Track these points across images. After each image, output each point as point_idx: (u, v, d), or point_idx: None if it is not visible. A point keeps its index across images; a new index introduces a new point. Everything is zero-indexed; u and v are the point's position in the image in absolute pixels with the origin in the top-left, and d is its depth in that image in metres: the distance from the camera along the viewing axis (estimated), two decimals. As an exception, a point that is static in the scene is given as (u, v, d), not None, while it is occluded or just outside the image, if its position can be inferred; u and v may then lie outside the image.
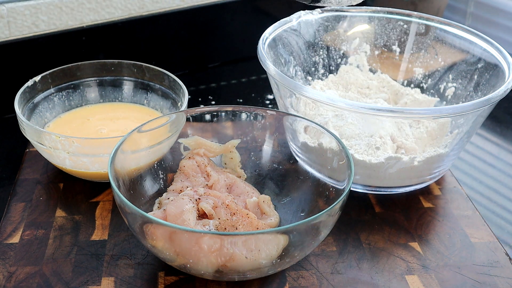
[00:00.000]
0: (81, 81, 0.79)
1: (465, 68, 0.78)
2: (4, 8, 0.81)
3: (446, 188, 0.72)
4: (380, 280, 0.59)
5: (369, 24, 0.83)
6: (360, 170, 0.67)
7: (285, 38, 0.78)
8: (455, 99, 0.79)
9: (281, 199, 0.66)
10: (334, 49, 0.83)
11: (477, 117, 0.66)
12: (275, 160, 0.69)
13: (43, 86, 0.76)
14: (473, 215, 0.68)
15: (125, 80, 0.80)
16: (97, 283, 0.58)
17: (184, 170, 0.65)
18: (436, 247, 0.63)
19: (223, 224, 0.59)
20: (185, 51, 0.97)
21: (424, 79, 0.83)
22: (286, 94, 0.70)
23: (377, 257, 0.62)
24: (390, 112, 0.64)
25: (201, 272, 0.55)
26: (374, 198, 0.70)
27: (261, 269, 0.55)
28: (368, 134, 0.69)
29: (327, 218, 0.55)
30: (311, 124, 0.66)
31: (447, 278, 0.60)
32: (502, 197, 0.75)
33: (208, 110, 0.68)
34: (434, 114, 0.64)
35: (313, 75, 0.82)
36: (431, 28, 0.82)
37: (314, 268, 0.60)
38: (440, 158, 0.68)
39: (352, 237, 0.64)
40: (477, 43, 0.77)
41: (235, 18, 0.99)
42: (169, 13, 0.93)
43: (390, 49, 0.84)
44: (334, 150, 0.63)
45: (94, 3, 0.86)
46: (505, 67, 0.71)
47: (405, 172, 0.67)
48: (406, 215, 0.68)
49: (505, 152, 0.84)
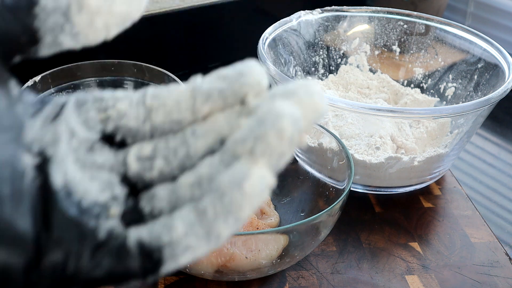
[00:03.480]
0: (81, 81, 0.79)
1: (465, 68, 0.78)
2: (4, 8, 0.80)
3: (446, 188, 0.72)
4: (380, 280, 0.59)
5: (369, 24, 0.83)
6: (360, 170, 0.67)
7: (285, 38, 0.78)
8: (455, 99, 0.78)
9: (281, 199, 0.66)
10: (334, 49, 0.83)
11: (477, 117, 0.66)
12: (275, 160, 0.69)
13: (43, 86, 0.76)
14: (473, 215, 0.68)
15: (125, 80, 0.80)
16: (97, 283, 0.58)
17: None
18: (436, 247, 0.63)
19: (223, 224, 0.59)
20: (185, 51, 0.97)
21: (424, 79, 0.82)
22: (286, 94, 0.70)
23: (377, 257, 0.62)
24: (390, 112, 0.64)
25: (201, 272, 0.55)
26: (374, 198, 0.70)
27: (261, 269, 0.55)
28: (368, 134, 0.69)
29: (327, 218, 0.55)
30: (311, 124, 0.66)
31: (447, 278, 0.60)
32: (502, 197, 0.75)
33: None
34: (434, 114, 0.64)
35: (313, 75, 0.82)
36: (431, 28, 0.82)
37: (314, 268, 0.60)
38: (440, 158, 0.68)
39: (352, 237, 0.64)
40: (477, 43, 0.77)
41: (235, 18, 0.99)
42: (169, 13, 0.93)
43: (390, 49, 0.84)
44: (334, 150, 0.63)
45: (94, 3, 0.86)
46: (505, 67, 0.71)
47: (405, 172, 0.67)
48: (406, 215, 0.68)
49: (505, 152, 0.84)
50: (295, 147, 0.26)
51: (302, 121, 0.26)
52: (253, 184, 0.25)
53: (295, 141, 0.26)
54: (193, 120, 0.28)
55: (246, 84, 0.28)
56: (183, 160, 0.28)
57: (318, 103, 0.27)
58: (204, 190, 0.26)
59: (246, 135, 0.26)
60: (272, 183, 0.26)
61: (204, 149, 0.28)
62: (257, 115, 0.26)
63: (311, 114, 0.26)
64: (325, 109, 0.27)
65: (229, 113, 0.28)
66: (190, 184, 0.27)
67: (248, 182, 0.25)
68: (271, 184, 0.26)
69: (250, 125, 0.26)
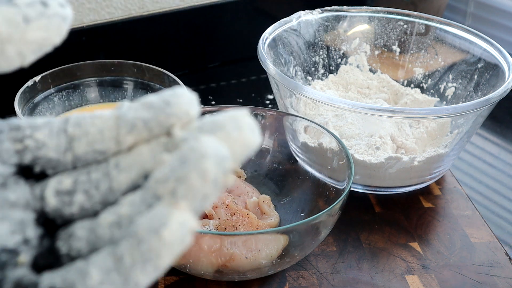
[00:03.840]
0: (81, 81, 0.79)
1: (465, 68, 0.78)
2: (4, 8, 0.80)
3: (446, 188, 0.72)
4: (380, 280, 0.59)
5: (369, 24, 0.83)
6: (360, 170, 0.67)
7: (285, 38, 0.78)
8: (455, 99, 0.79)
9: (281, 199, 0.66)
10: (334, 49, 0.83)
11: (477, 117, 0.66)
12: (275, 160, 0.69)
13: (43, 86, 0.76)
14: (473, 215, 0.68)
15: (125, 80, 0.80)
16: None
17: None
18: (436, 247, 0.63)
19: (223, 224, 0.59)
20: (185, 51, 0.97)
21: (424, 79, 0.82)
22: (286, 94, 0.70)
23: (377, 257, 0.62)
24: (390, 112, 0.64)
25: (201, 272, 0.55)
26: (374, 198, 0.70)
27: (261, 269, 0.55)
28: (368, 134, 0.69)
29: (327, 218, 0.55)
30: (311, 124, 0.66)
31: (447, 278, 0.60)
32: (502, 197, 0.75)
33: (208, 110, 0.68)
34: (434, 114, 0.64)
35: (313, 75, 0.82)
36: (431, 28, 0.82)
37: (314, 268, 0.60)
38: (440, 158, 0.68)
39: (352, 237, 0.64)
40: (477, 43, 0.77)
41: (235, 18, 0.99)
42: (169, 13, 0.93)
43: (390, 49, 0.84)
44: (334, 150, 0.63)
45: (94, 3, 0.86)
46: (505, 67, 0.71)
47: (405, 172, 0.67)
48: (406, 215, 0.68)
49: (505, 152, 0.84)
50: (221, 188, 0.24)
51: (229, 160, 0.24)
52: (172, 231, 0.23)
53: (220, 182, 0.24)
54: (118, 151, 0.27)
55: (173, 114, 0.26)
56: (105, 194, 0.26)
57: (248, 137, 0.25)
58: (124, 231, 0.25)
59: (167, 175, 0.24)
60: (195, 227, 0.24)
61: (127, 184, 0.26)
62: (180, 152, 0.24)
63: (240, 150, 0.25)
64: (257, 142, 0.25)
65: (155, 145, 0.26)
66: (110, 223, 0.25)
67: (167, 229, 0.23)
68: (193, 229, 0.24)
69: (172, 164, 0.24)
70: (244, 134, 0.25)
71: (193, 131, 0.26)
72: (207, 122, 0.26)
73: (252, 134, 0.25)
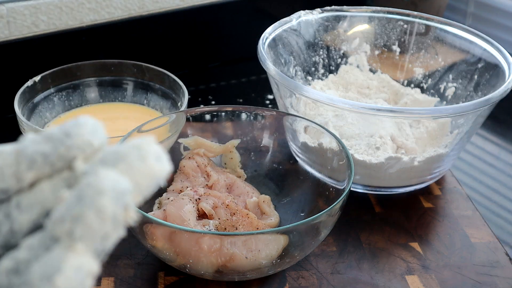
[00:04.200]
0: (81, 81, 0.79)
1: (465, 68, 0.78)
2: (4, 8, 0.80)
3: (446, 188, 0.72)
4: (380, 280, 0.59)
5: (369, 24, 0.83)
6: (360, 170, 0.67)
7: (285, 38, 0.78)
8: (455, 99, 0.78)
9: (281, 199, 0.66)
10: (334, 49, 0.83)
11: (477, 117, 0.66)
12: (275, 160, 0.69)
13: (43, 86, 0.76)
14: (473, 215, 0.68)
15: (125, 80, 0.80)
16: (96, 283, 0.58)
17: (184, 170, 0.65)
18: (436, 247, 0.63)
19: (223, 224, 0.59)
20: (185, 51, 0.97)
21: (424, 79, 0.82)
22: (286, 94, 0.70)
23: (377, 257, 0.62)
24: (390, 112, 0.64)
25: (201, 272, 0.55)
26: (374, 198, 0.70)
27: (261, 269, 0.55)
28: (368, 134, 0.69)
29: (327, 218, 0.55)
30: (311, 124, 0.66)
31: (447, 278, 0.60)
32: (502, 197, 0.75)
33: (208, 110, 0.68)
34: (434, 114, 0.64)
35: (313, 75, 0.82)
36: (431, 28, 0.81)
37: (314, 268, 0.60)
38: (440, 158, 0.68)
39: (352, 237, 0.64)
40: (477, 43, 0.77)
41: (235, 18, 0.99)
42: (169, 13, 0.93)
43: (390, 49, 0.84)
44: (334, 150, 0.63)
45: (94, 3, 0.86)
46: (505, 67, 0.71)
47: (405, 172, 0.67)
48: (406, 215, 0.68)
49: (505, 152, 0.84)
50: (123, 225, 0.23)
51: (130, 193, 0.23)
52: (66, 277, 0.22)
53: (120, 219, 0.22)
54: (20, 188, 0.25)
55: (74, 146, 0.24)
56: (6, 237, 0.24)
57: (152, 166, 0.23)
58: (21, 279, 0.23)
59: (64, 214, 0.22)
60: (95, 269, 0.22)
61: (29, 224, 0.24)
62: (78, 188, 0.23)
63: (145, 181, 0.23)
64: (164, 171, 0.24)
65: (57, 181, 0.25)
66: (8, 271, 0.23)
67: (60, 276, 0.22)
68: (93, 272, 0.22)
69: (69, 202, 0.23)
70: (148, 164, 0.23)
71: (94, 163, 0.24)
72: (109, 153, 0.24)
73: (158, 163, 0.24)
